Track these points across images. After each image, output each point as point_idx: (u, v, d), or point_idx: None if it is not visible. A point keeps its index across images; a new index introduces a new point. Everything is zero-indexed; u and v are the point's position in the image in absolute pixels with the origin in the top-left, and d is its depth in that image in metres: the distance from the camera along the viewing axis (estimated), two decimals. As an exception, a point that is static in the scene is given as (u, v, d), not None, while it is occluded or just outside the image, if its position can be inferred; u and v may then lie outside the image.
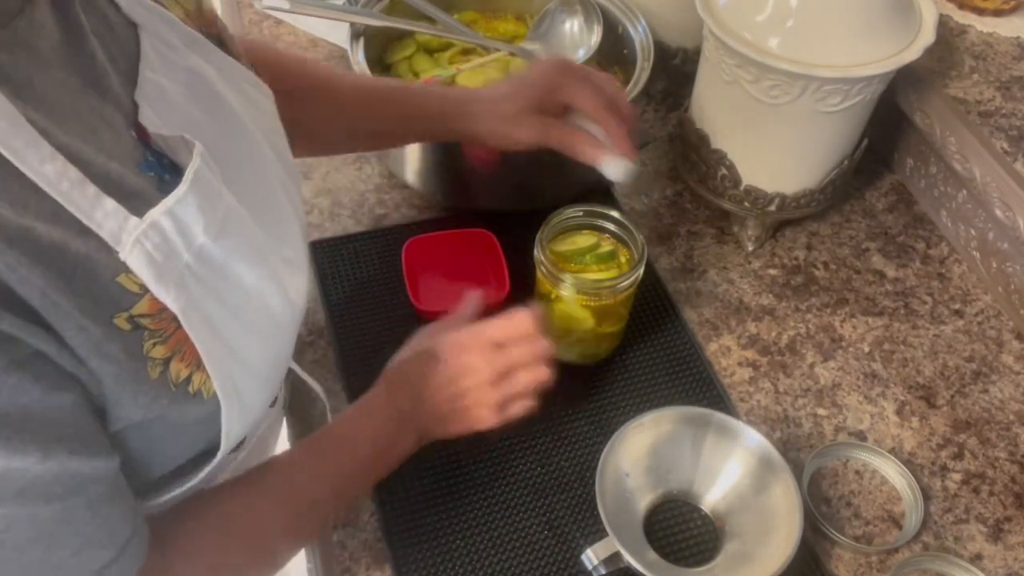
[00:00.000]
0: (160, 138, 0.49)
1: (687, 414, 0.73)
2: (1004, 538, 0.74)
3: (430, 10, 0.98)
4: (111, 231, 0.44)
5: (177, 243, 0.47)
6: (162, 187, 0.48)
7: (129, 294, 0.45)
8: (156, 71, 0.51)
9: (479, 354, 0.66)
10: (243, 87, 0.59)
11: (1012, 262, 0.87)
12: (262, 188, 0.58)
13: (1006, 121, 0.88)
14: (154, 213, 0.46)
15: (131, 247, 0.44)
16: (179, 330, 0.47)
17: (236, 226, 0.52)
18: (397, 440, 0.65)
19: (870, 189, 1.01)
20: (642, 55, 0.94)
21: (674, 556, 0.70)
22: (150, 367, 0.46)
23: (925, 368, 0.85)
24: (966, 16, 0.99)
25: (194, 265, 0.48)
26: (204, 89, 0.55)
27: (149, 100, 0.50)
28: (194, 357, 0.49)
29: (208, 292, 0.49)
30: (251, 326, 0.53)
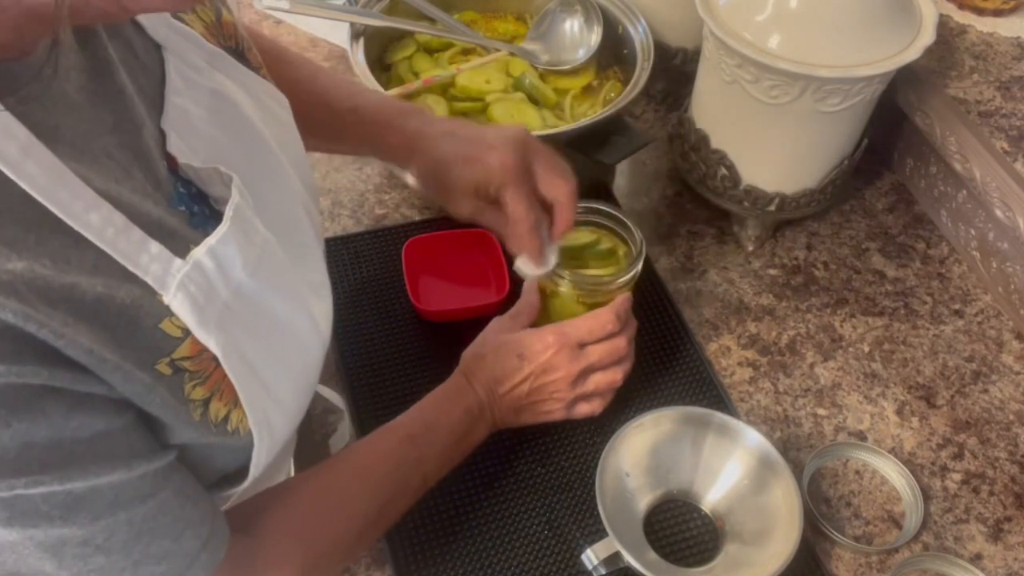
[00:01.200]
0: (190, 168, 0.49)
1: (687, 414, 0.73)
2: (1004, 538, 0.74)
3: (430, 10, 0.98)
4: (156, 275, 0.43)
5: (217, 282, 0.47)
6: (192, 221, 0.48)
7: (171, 339, 0.44)
8: (181, 95, 0.51)
9: (562, 355, 0.69)
10: (264, 101, 0.59)
11: (1012, 262, 0.87)
12: (286, 212, 0.57)
13: (1006, 121, 0.88)
14: (197, 252, 0.46)
15: (175, 290, 0.44)
16: (218, 369, 0.47)
17: (270, 260, 0.52)
18: (473, 430, 0.68)
19: (870, 189, 1.01)
20: (642, 55, 0.94)
21: (674, 556, 0.70)
22: (192, 409, 0.46)
23: (925, 368, 0.85)
24: (966, 16, 0.99)
25: (232, 303, 0.48)
26: (228, 111, 0.54)
27: (175, 127, 0.49)
28: (232, 396, 0.49)
29: (245, 329, 0.49)
30: (282, 360, 0.53)
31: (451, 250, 0.87)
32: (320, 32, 1.14)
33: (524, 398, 0.70)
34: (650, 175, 1.01)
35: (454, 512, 0.72)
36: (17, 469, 0.38)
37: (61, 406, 0.39)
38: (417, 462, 0.64)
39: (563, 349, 0.69)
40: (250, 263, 0.49)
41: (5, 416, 0.37)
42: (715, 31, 0.79)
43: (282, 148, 0.59)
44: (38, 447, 0.38)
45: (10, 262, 0.37)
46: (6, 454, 0.37)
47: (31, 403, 0.38)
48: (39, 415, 0.38)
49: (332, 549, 0.58)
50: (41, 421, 0.38)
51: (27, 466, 0.38)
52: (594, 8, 0.99)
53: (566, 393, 0.71)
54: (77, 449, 0.40)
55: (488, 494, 0.73)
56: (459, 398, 0.68)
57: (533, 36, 1.01)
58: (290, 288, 0.54)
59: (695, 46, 0.92)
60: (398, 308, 0.85)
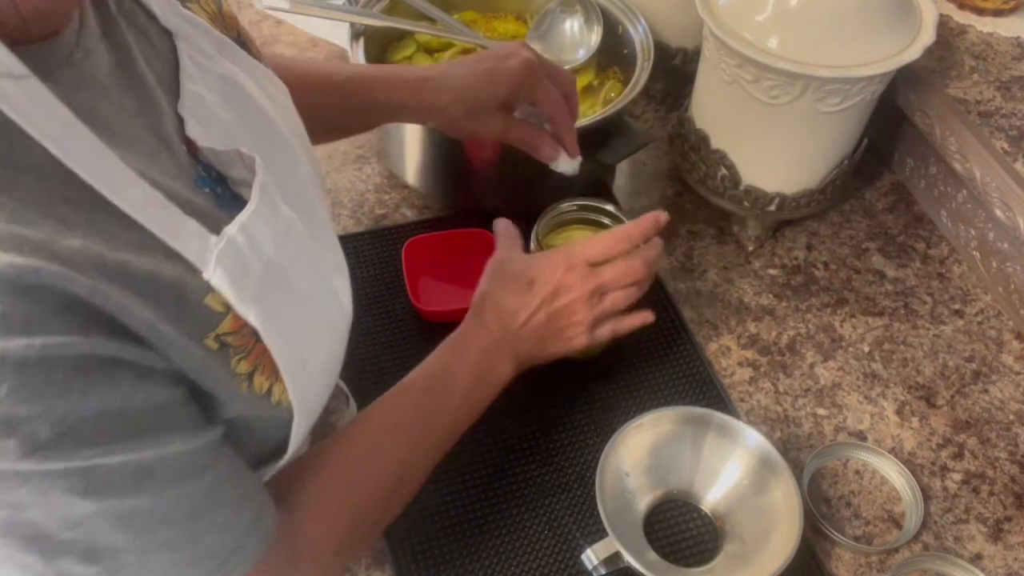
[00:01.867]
0: (211, 151, 0.50)
1: (687, 414, 0.73)
2: (1004, 538, 0.74)
3: (430, 10, 0.98)
4: (195, 252, 0.44)
5: (250, 258, 0.48)
6: (218, 203, 0.49)
7: (215, 314, 0.45)
8: (195, 81, 0.52)
9: (572, 273, 0.68)
10: (269, 89, 0.60)
11: (1012, 262, 0.87)
12: (302, 194, 0.58)
13: (1006, 121, 0.88)
14: (230, 229, 0.47)
15: (214, 266, 0.45)
16: (258, 344, 0.48)
17: (294, 235, 0.53)
18: (494, 369, 0.67)
19: (870, 189, 1.01)
20: (642, 55, 0.94)
21: (674, 556, 0.70)
22: (239, 383, 0.47)
23: (925, 368, 0.85)
24: (966, 16, 0.99)
25: (265, 278, 0.49)
26: (239, 96, 0.55)
27: (193, 112, 0.50)
28: (272, 369, 0.50)
29: (279, 304, 0.50)
30: (313, 335, 0.54)
31: (451, 250, 0.87)
32: (320, 32, 1.14)
33: (544, 327, 0.69)
34: (650, 175, 1.01)
35: (454, 512, 0.72)
36: (94, 438, 0.39)
37: (129, 378, 0.40)
38: (440, 411, 0.64)
39: (573, 268, 0.68)
40: (278, 239, 0.50)
41: (82, 386, 0.38)
42: (715, 31, 0.79)
43: (291, 134, 0.59)
44: (111, 416, 0.39)
45: (67, 239, 0.38)
46: (84, 423, 0.38)
47: (104, 374, 0.39)
48: (111, 386, 0.39)
49: (367, 511, 0.59)
50: (113, 391, 0.39)
51: (103, 435, 0.39)
52: (594, 8, 0.99)
53: (584, 314, 0.69)
54: (144, 419, 0.41)
55: (488, 494, 0.73)
56: (471, 340, 0.68)
57: (533, 36, 1.01)
58: (315, 266, 0.55)
59: (695, 46, 0.92)
60: (398, 308, 0.85)
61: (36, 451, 0.37)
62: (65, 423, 0.38)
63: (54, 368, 0.37)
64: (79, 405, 0.38)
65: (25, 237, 0.37)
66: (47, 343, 0.36)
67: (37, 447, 0.37)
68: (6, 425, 0.36)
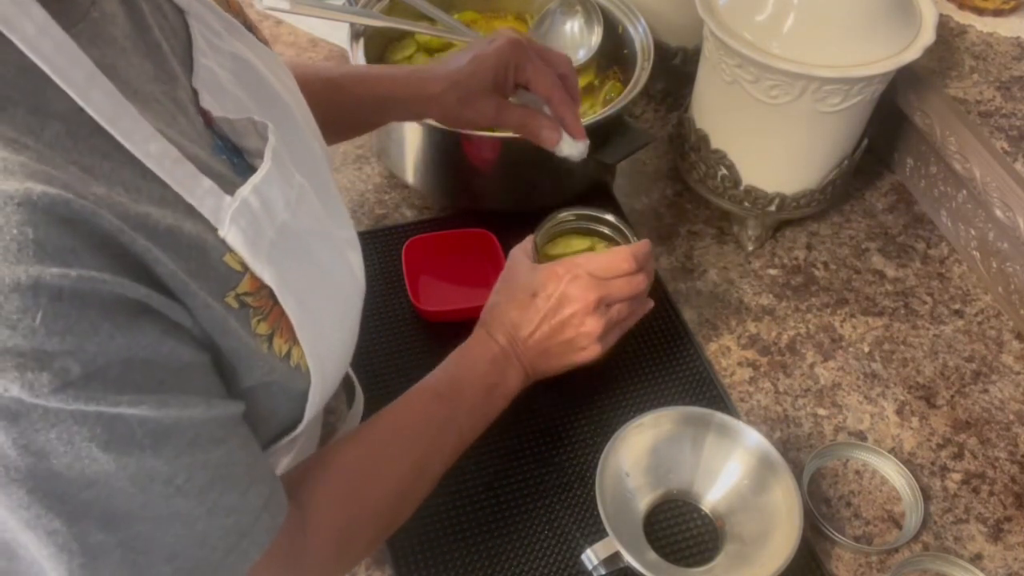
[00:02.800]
0: (225, 121, 0.50)
1: (687, 414, 0.73)
2: (1004, 538, 0.74)
3: (430, 10, 0.98)
4: (211, 209, 0.45)
5: (263, 220, 0.48)
6: (234, 170, 0.50)
7: (235, 273, 0.46)
8: (207, 57, 0.52)
9: (577, 284, 0.68)
10: (276, 71, 0.60)
11: (1012, 262, 0.87)
12: (314, 169, 0.58)
13: (1006, 121, 0.88)
14: (243, 191, 0.47)
15: (229, 224, 0.45)
16: (276, 306, 0.48)
17: (307, 203, 0.53)
18: (503, 380, 0.67)
19: (870, 189, 1.01)
20: (642, 55, 0.94)
21: (674, 556, 0.70)
22: (259, 343, 0.47)
23: (925, 368, 0.85)
24: (966, 16, 0.99)
25: (278, 241, 0.49)
26: (250, 73, 0.55)
27: (206, 86, 0.51)
28: (290, 333, 0.50)
29: (293, 267, 0.50)
30: (328, 302, 0.54)
31: (451, 250, 0.87)
32: (320, 32, 1.14)
33: (548, 339, 0.68)
34: (650, 175, 1.01)
35: (454, 512, 0.72)
36: (120, 385, 0.39)
37: (156, 328, 0.40)
38: (448, 419, 0.64)
39: (577, 279, 0.68)
40: (291, 204, 0.51)
41: (112, 327, 0.38)
42: (715, 31, 0.79)
43: (300, 115, 0.60)
44: (138, 364, 0.39)
45: (91, 186, 0.39)
46: (110, 368, 0.38)
47: (132, 319, 0.39)
48: (140, 332, 0.39)
49: (373, 512, 0.59)
50: (141, 338, 0.39)
51: (129, 383, 0.39)
52: (594, 8, 0.99)
53: (590, 326, 0.68)
54: (168, 376, 0.41)
55: (488, 494, 0.73)
56: (481, 350, 0.68)
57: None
58: (327, 235, 0.56)
59: (695, 46, 0.92)
60: (398, 308, 0.85)
61: (67, 387, 0.37)
62: (95, 363, 0.37)
63: (87, 303, 0.37)
64: (109, 346, 0.38)
65: (54, 176, 0.37)
66: (81, 275, 0.36)
67: (68, 383, 0.37)
68: (39, 358, 0.36)
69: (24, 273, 0.35)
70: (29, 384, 0.36)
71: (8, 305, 0.35)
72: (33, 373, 0.36)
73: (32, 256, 0.35)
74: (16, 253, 0.35)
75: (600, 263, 0.69)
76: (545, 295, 0.68)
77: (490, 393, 0.67)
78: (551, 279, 0.69)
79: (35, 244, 0.35)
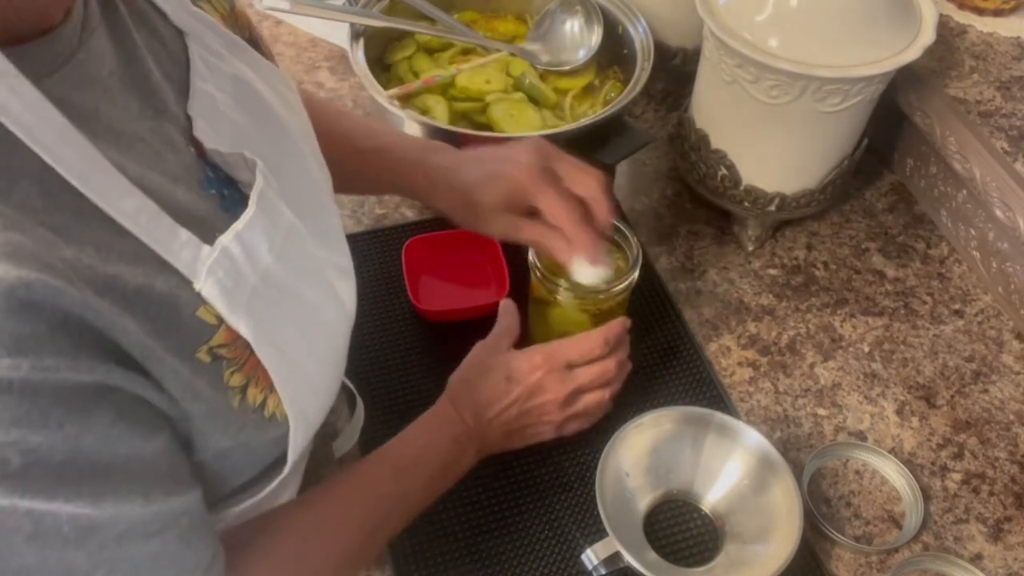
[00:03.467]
0: (216, 153, 0.50)
1: (687, 414, 0.73)
2: (1004, 538, 0.74)
3: (430, 10, 0.98)
4: (187, 263, 0.44)
5: (245, 267, 0.47)
6: (223, 204, 0.49)
7: (208, 326, 0.45)
8: (206, 81, 0.51)
9: (551, 377, 0.68)
10: (279, 88, 0.59)
11: (1012, 262, 0.87)
12: (309, 196, 0.57)
13: (1006, 121, 0.88)
14: (224, 239, 0.46)
15: (205, 277, 0.44)
16: (252, 356, 0.47)
17: (296, 243, 0.52)
18: (461, 458, 0.67)
19: (870, 189, 1.01)
20: (642, 55, 0.94)
21: (674, 556, 0.70)
22: (231, 396, 0.46)
23: (925, 368, 0.85)
24: (966, 16, 0.99)
25: (261, 288, 0.48)
26: (250, 97, 0.54)
27: (202, 112, 0.50)
28: (267, 381, 0.49)
29: (274, 314, 0.49)
30: (313, 343, 0.53)
31: (451, 250, 0.87)
32: (320, 32, 1.14)
33: (513, 422, 0.68)
34: (650, 175, 1.01)
35: (454, 512, 0.72)
36: (59, 478, 0.38)
37: (109, 413, 0.39)
38: (401, 496, 0.63)
39: (552, 371, 0.68)
40: (276, 247, 0.50)
41: (59, 417, 0.37)
42: (715, 31, 0.79)
43: (301, 135, 0.59)
44: (81, 457, 0.38)
45: (60, 250, 0.38)
46: (52, 460, 0.37)
47: (84, 405, 0.38)
48: (89, 420, 0.38)
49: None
50: (90, 426, 0.38)
51: (68, 477, 0.38)
52: (594, 8, 0.99)
53: (556, 415, 0.69)
54: (112, 465, 0.40)
55: (488, 494, 0.73)
56: (446, 427, 0.67)
57: (533, 36, 1.01)
58: (316, 271, 0.55)
59: (695, 46, 0.92)
60: (398, 308, 0.85)
61: (3, 480, 0.36)
62: (37, 454, 0.36)
63: (38, 394, 0.36)
64: (55, 437, 0.37)
65: (19, 245, 0.36)
66: (34, 366, 0.35)
67: (5, 475, 0.36)
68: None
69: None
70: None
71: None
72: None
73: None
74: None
75: (577, 349, 0.69)
76: (518, 380, 0.67)
77: (444, 472, 0.66)
78: (527, 365, 0.68)
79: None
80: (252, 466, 0.53)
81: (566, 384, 0.68)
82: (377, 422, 0.76)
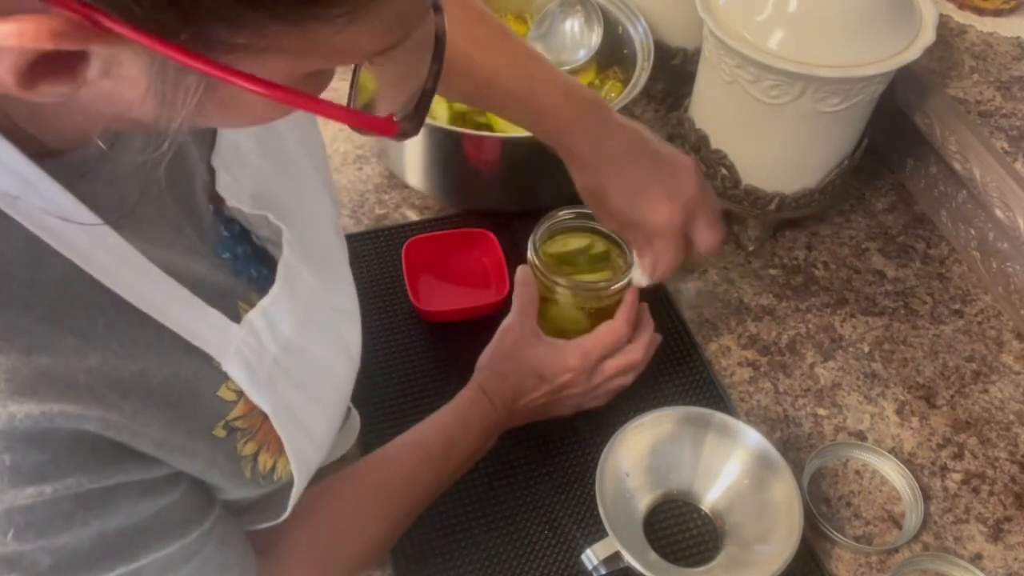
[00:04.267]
0: (238, 212, 0.49)
1: (687, 414, 0.73)
2: (1004, 538, 0.74)
3: (430, 10, 0.97)
4: (214, 344, 0.43)
5: (268, 341, 0.47)
6: (236, 265, 0.48)
7: (226, 403, 0.44)
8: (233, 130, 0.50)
9: (581, 375, 0.71)
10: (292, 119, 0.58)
11: (1012, 262, 0.87)
12: (322, 240, 0.57)
13: (1006, 121, 0.88)
14: (252, 316, 0.46)
15: (232, 356, 0.44)
16: (265, 423, 0.47)
17: (314, 307, 0.51)
18: (488, 443, 0.70)
19: (870, 189, 1.01)
20: (642, 55, 0.94)
21: (674, 556, 0.70)
22: (243, 466, 0.47)
23: (925, 368, 0.85)
24: (966, 16, 0.99)
25: (280, 358, 0.47)
26: (271, 138, 0.53)
27: (225, 165, 0.48)
28: (277, 446, 0.49)
29: (290, 382, 0.49)
30: (320, 402, 0.53)
31: (451, 250, 0.87)
32: (320, 32, 1.14)
33: (539, 408, 0.72)
34: (650, 175, 1.01)
35: (454, 512, 0.72)
36: (92, 561, 0.39)
37: (132, 496, 0.40)
38: (433, 480, 0.65)
39: (582, 372, 0.71)
40: (297, 317, 0.49)
41: (83, 516, 0.38)
42: (715, 31, 0.79)
43: (315, 167, 0.58)
44: (110, 536, 0.39)
45: (86, 358, 0.37)
46: (81, 548, 0.38)
47: (106, 501, 0.39)
48: (113, 511, 0.39)
49: (350, 568, 0.59)
50: (114, 514, 0.39)
51: (101, 556, 0.39)
52: (594, 8, 0.99)
53: (578, 399, 0.74)
54: (144, 527, 0.41)
55: (488, 494, 0.73)
56: (478, 416, 0.69)
57: (534, 36, 1.01)
58: (329, 327, 0.54)
59: (695, 46, 0.92)
60: (398, 308, 0.85)
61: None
62: (65, 551, 0.37)
63: (59, 506, 0.37)
64: (81, 534, 0.38)
65: (43, 372, 0.35)
66: (56, 487, 0.36)
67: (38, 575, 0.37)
68: (9, 560, 0.36)
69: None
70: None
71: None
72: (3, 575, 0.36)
73: (7, 483, 0.35)
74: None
75: (606, 341, 0.72)
76: (552, 381, 0.71)
77: (473, 457, 0.69)
78: (560, 366, 0.71)
79: (11, 471, 0.35)
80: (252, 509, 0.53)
81: (593, 379, 0.72)
82: (377, 422, 0.76)
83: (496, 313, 0.76)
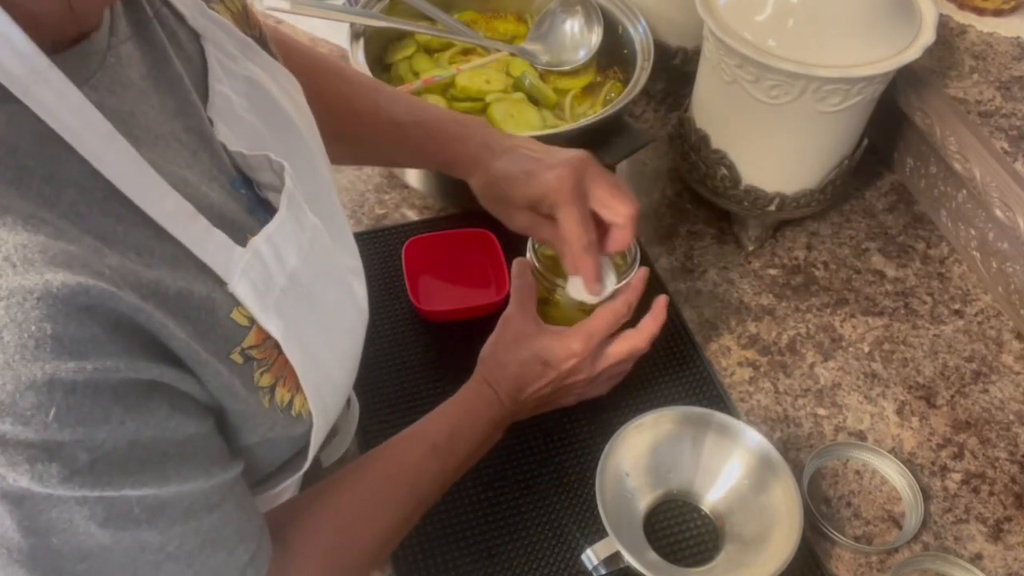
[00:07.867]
0: (239, 155, 0.50)
1: (687, 414, 0.73)
2: (1004, 538, 0.74)
3: (430, 10, 0.98)
4: (222, 264, 0.44)
5: (274, 269, 0.48)
6: (250, 205, 0.49)
7: (240, 328, 0.46)
8: (222, 83, 0.52)
9: (585, 360, 0.71)
10: (287, 88, 0.59)
11: (1012, 262, 0.87)
12: (324, 197, 0.58)
13: (1006, 121, 0.88)
14: (256, 241, 0.47)
15: (239, 279, 0.45)
16: (280, 356, 0.48)
17: (318, 245, 0.53)
18: (495, 435, 0.69)
19: (870, 189, 1.01)
20: (642, 55, 0.94)
21: (674, 556, 0.70)
22: (261, 396, 0.47)
23: (925, 368, 0.85)
24: (966, 16, 0.99)
25: (288, 289, 0.49)
26: (263, 98, 0.55)
27: (221, 116, 0.50)
28: (294, 381, 0.50)
29: (300, 315, 0.50)
30: (334, 344, 0.54)
31: (451, 250, 0.87)
32: (320, 32, 1.14)
33: (545, 398, 0.72)
34: (650, 175, 1.01)
35: (454, 512, 0.72)
36: (125, 467, 0.39)
37: (164, 406, 0.41)
38: (440, 473, 0.65)
39: (587, 358, 0.71)
40: (302, 250, 0.50)
41: (122, 413, 0.38)
42: (715, 31, 0.79)
43: (310, 135, 0.59)
44: (144, 445, 0.40)
45: (107, 257, 0.38)
46: (117, 452, 0.39)
47: (142, 400, 0.39)
48: (148, 413, 0.40)
49: (358, 560, 0.59)
50: (149, 418, 0.40)
51: (133, 464, 0.40)
52: (594, 8, 0.99)
53: (583, 388, 0.73)
54: (171, 451, 0.41)
55: (488, 494, 0.73)
56: (483, 408, 0.68)
57: (533, 36, 1.01)
58: (335, 272, 0.55)
59: (695, 46, 0.92)
60: (398, 308, 0.85)
61: (74, 476, 0.37)
62: (102, 449, 0.38)
63: (100, 393, 0.37)
64: (118, 432, 0.38)
65: (72, 254, 0.37)
66: (95, 367, 0.36)
67: (75, 472, 0.37)
68: (49, 449, 0.36)
69: (40, 371, 0.35)
70: (39, 475, 0.36)
71: (23, 402, 0.35)
72: (43, 464, 0.36)
73: (49, 352, 0.35)
74: (33, 350, 0.35)
75: (606, 323, 0.71)
76: (556, 368, 0.70)
77: (480, 449, 0.68)
78: (567, 356, 0.70)
79: (53, 340, 0.35)
80: (271, 462, 0.54)
81: (598, 365, 0.72)
82: (377, 422, 0.76)
83: (496, 313, 0.76)
